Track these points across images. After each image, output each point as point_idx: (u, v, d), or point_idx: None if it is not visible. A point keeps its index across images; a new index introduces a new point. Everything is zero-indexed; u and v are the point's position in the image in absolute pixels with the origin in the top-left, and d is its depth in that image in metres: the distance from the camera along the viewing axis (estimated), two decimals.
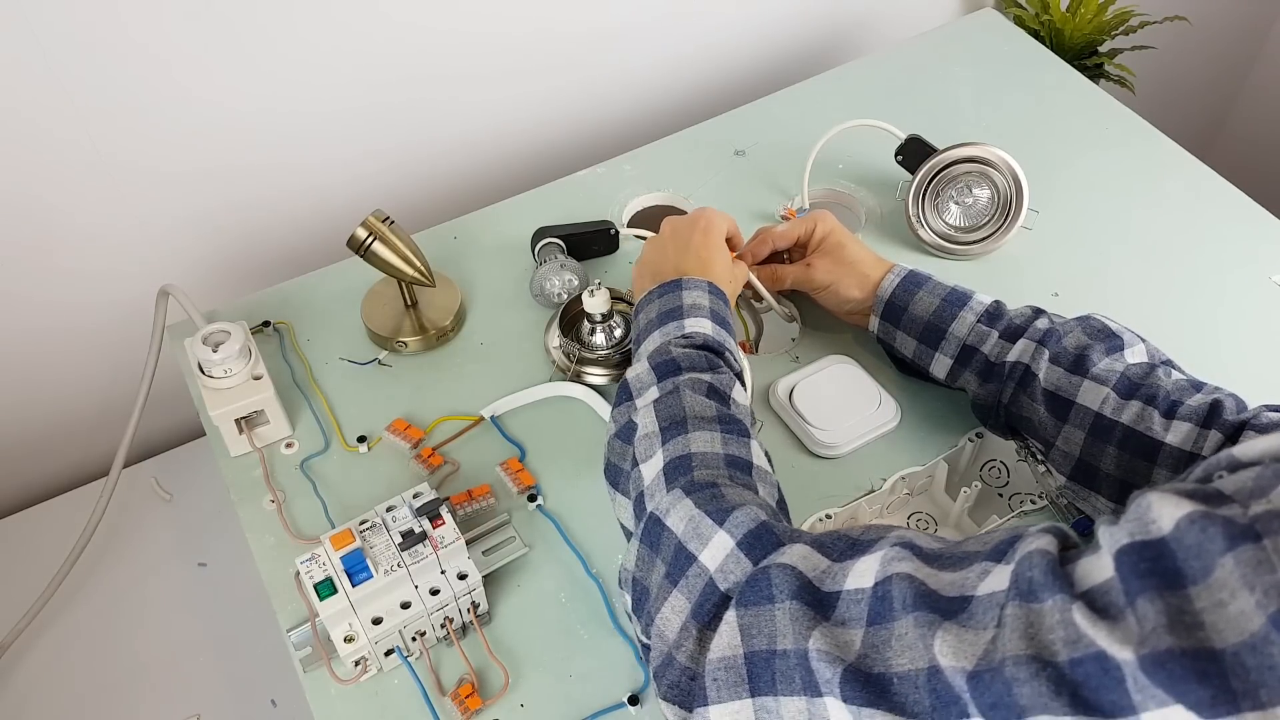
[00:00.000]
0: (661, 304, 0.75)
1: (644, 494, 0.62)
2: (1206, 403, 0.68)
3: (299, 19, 0.97)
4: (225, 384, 0.82)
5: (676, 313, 0.74)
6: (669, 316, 0.74)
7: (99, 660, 0.97)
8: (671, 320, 0.73)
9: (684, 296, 0.75)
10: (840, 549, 0.52)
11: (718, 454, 0.62)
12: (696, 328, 0.72)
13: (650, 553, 0.59)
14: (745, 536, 0.54)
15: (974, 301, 0.79)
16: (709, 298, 0.75)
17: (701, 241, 0.80)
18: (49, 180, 0.95)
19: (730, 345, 0.73)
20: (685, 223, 0.82)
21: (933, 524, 0.82)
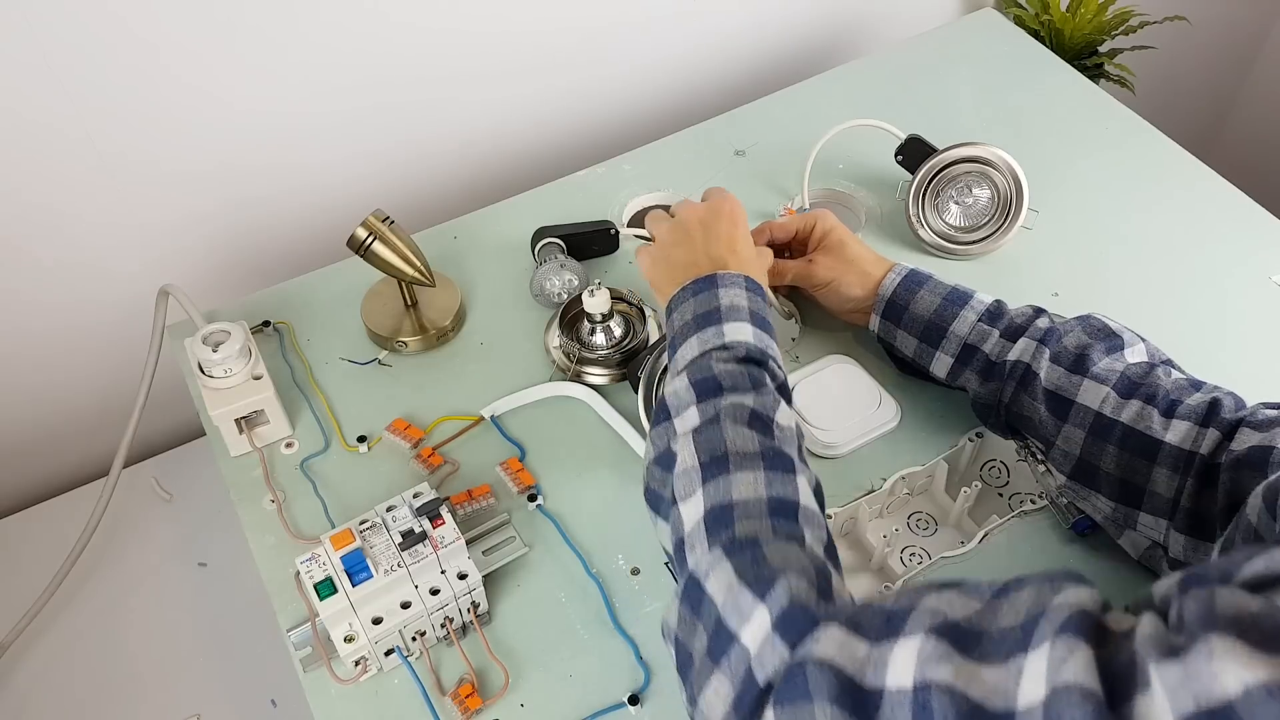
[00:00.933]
0: (697, 304, 0.70)
1: (684, 542, 0.60)
2: (1205, 401, 0.68)
3: (299, 19, 0.97)
4: (225, 384, 0.82)
5: (714, 315, 0.69)
6: (706, 320, 0.69)
7: (99, 660, 0.97)
8: (710, 325, 0.68)
9: (721, 296, 0.70)
10: (876, 626, 0.48)
11: (760, 499, 0.59)
12: (736, 335, 0.67)
13: (692, 615, 0.56)
14: (780, 617, 0.51)
15: (975, 300, 0.79)
16: (747, 296, 0.70)
17: (730, 231, 0.76)
18: (49, 180, 0.95)
19: (773, 351, 0.69)
20: (709, 212, 0.77)
21: (933, 524, 0.82)
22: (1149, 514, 0.70)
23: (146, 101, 0.95)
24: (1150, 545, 0.72)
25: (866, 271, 0.85)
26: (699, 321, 0.69)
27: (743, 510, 0.59)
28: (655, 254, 0.78)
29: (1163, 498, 0.69)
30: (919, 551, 0.80)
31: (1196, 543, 0.67)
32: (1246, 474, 0.63)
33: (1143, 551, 0.73)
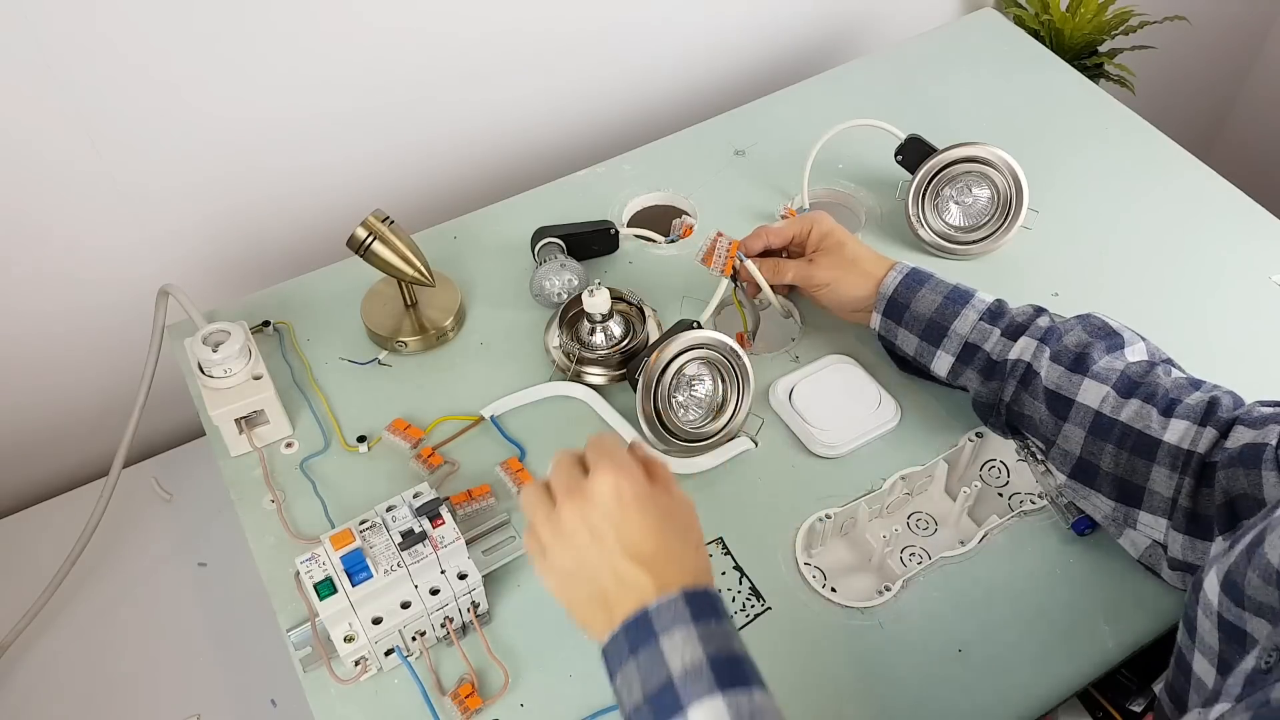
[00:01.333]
0: (642, 672, 0.54)
1: None
2: (1204, 400, 0.68)
3: (299, 20, 0.97)
4: (225, 384, 0.82)
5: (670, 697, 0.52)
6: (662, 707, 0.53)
7: (99, 660, 0.97)
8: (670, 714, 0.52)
9: (667, 653, 0.53)
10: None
11: None
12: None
13: None
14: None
15: (976, 299, 0.80)
16: (697, 634, 0.53)
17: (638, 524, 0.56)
18: (49, 181, 0.95)
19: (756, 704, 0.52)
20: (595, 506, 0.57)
21: (933, 524, 0.82)
22: (1148, 513, 0.70)
23: (147, 102, 0.95)
24: (1150, 544, 0.72)
25: (867, 271, 0.85)
26: (655, 709, 0.53)
27: None
28: (554, 573, 0.60)
29: (1162, 497, 0.69)
30: (919, 551, 0.80)
31: (1194, 542, 0.67)
32: (1240, 472, 0.63)
33: (1142, 551, 0.73)
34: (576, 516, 0.57)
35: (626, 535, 0.56)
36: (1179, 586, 0.72)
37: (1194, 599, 0.56)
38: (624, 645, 0.55)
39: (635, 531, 0.56)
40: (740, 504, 0.81)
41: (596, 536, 0.57)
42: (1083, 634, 0.74)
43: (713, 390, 0.83)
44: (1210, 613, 0.54)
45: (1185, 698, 0.58)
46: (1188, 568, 0.69)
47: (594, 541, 0.57)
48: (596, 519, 0.57)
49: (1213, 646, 0.54)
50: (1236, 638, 0.52)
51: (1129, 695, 0.77)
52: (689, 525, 0.59)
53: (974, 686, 0.71)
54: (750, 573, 0.77)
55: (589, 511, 0.57)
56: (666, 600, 0.55)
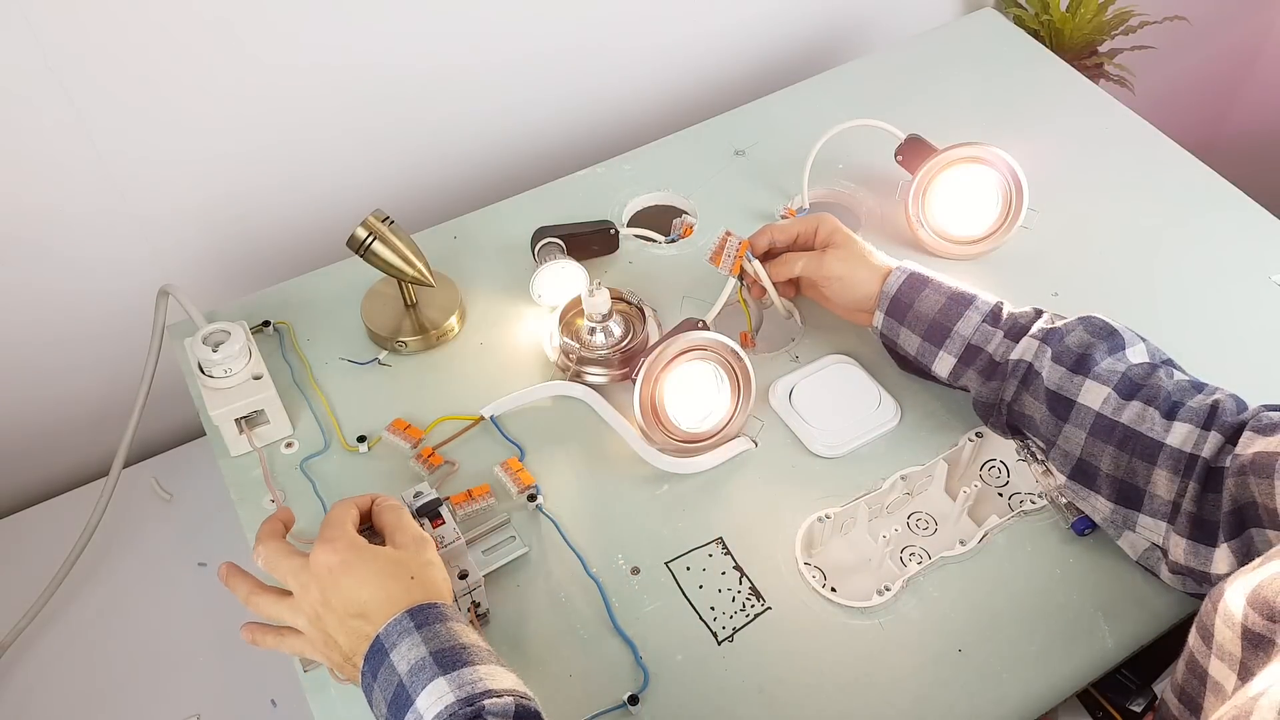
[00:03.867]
0: (383, 690, 0.58)
1: None
2: (1207, 404, 0.68)
3: (299, 19, 0.97)
4: (225, 384, 0.82)
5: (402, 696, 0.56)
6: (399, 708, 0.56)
7: (99, 660, 0.97)
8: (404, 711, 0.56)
9: (397, 663, 0.57)
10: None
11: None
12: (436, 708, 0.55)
13: None
14: None
15: (979, 301, 0.79)
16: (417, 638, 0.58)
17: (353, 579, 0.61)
18: (49, 181, 0.95)
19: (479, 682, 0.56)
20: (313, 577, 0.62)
21: (932, 524, 0.82)
22: (1149, 516, 0.70)
23: (146, 102, 0.95)
24: (1149, 546, 0.72)
25: (874, 268, 0.85)
26: (394, 713, 0.57)
27: None
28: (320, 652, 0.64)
29: (1162, 500, 0.69)
30: (919, 551, 0.80)
31: (1197, 546, 0.67)
32: (1251, 480, 0.63)
33: (1141, 553, 0.73)
34: (305, 603, 0.62)
35: (344, 601, 0.61)
36: (1178, 588, 0.72)
37: (1211, 608, 0.56)
38: (369, 676, 0.59)
39: (349, 593, 0.61)
40: (740, 504, 0.81)
41: (327, 609, 0.61)
42: (1083, 634, 0.74)
43: (713, 391, 0.83)
44: (1232, 624, 0.54)
45: (1200, 701, 0.58)
46: (1189, 572, 0.69)
47: (325, 614, 0.62)
48: (315, 599, 0.62)
49: (1234, 654, 0.54)
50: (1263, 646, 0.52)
51: (1129, 695, 0.77)
52: (400, 563, 0.63)
53: (974, 686, 0.71)
54: (750, 573, 0.77)
55: (311, 595, 0.62)
56: (392, 622, 0.59)
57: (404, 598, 0.61)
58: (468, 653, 0.58)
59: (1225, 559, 0.65)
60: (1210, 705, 0.57)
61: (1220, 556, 0.66)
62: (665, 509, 0.81)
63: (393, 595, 0.61)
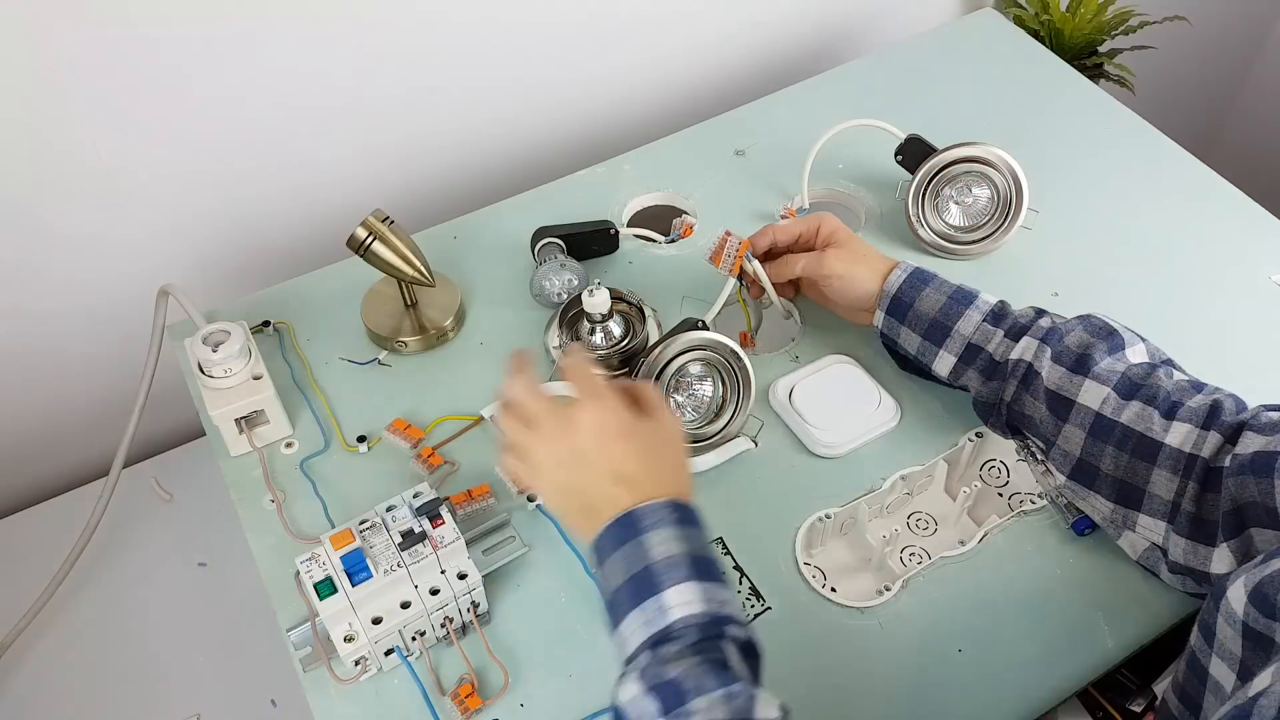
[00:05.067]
0: (626, 560, 0.60)
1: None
2: (1206, 404, 0.68)
3: (299, 19, 0.97)
4: (225, 384, 0.82)
5: (648, 579, 0.58)
6: (642, 587, 0.59)
7: (99, 660, 0.97)
8: (648, 595, 0.58)
9: (650, 546, 0.59)
10: None
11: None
12: (683, 610, 0.57)
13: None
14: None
15: (980, 301, 0.79)
16: (678, 533, 0.60)
17: (626, 447, 0.63)
18: (49, 181, 0.95)
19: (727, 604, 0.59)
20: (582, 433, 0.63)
21: (932, 523, 0.82)
22: (1148, 516, 0.70)
23: (146, 102, 0.95)
24: (1149, 546, 0.72)
25: (875, 266, 0.85)
26: (634, 589, 0.59)
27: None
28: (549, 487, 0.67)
29: (1162, 500, 0.69)
30: (919, 551, 0.80)
31: (1196, 546, 0.67)
32: (1250, 480, 0.63)
33: (1141, 552, 0.73)
34: (563, 445, 0.64)
35: (610, 461, 0.63)
36: (1178, 588, 0.72)
37: (1213, 606, 0.56)
38: (609, 542, 0.61)
39: (618, 458, 0.63)
40: (740, 504, 0.81)
41: (584, 462, 0.63)
42: (1083, 634, 0.74)
43: (712, 391, 0.83)
44: (1234, 621, 0.54)
45: (1199, 700, 0.58)
46: (1188, 571, 0.69)
47: (581, 466, 0.63)
48: (582, 447, 0.63)
49: (1234, 653, 0.54)
50: (1263, 645, 0.52)
51: (1129, 695, 0.77)
52: (673, 449, 0.65)
53: (974, 686, 0.71)
54: (750, 573, 0.77)
55: (574, 441, 0.63)
56: (652, 505, 0.61)
57: (670, 484, 0.62)
58: (718, 569, 0.60)
59: (1224, 559, 0.65)
60: (1210, 705, 0.57)
61: (1219, 556, 0.66)
62: None
63: (660, 479, 0.62)
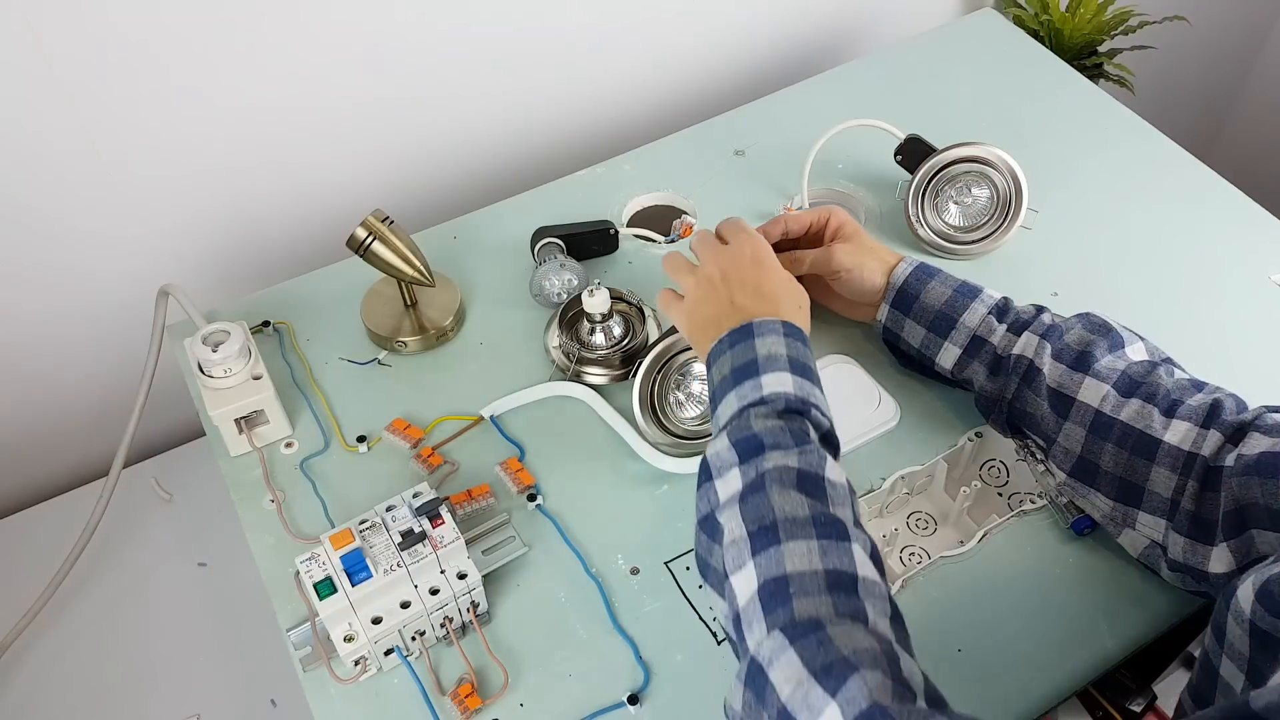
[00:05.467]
0: (734, 356, 0.68)
1: (740, 618, 0.58)
2: (1207, 402, 0.68)
3: (298, 19, 0.97)
4: (225, 384, 0.82)
5: (751, 367, 0.66)
6: (744, 373, 0.67)
7: (99, 660, 0.97)
8: (747, 379, 0.66)
9: (758, 346, 0.67)
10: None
11: (817, 571, 0.56)
12: (776, 386, 0.65)
13: (756, 702, 0.54)
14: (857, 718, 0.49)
15: (985, 295, 0.80)
16: (785, 342, 0.68)
17: (759, 275, 0.73)
18: (49, 181, 0.95)
19: (816, 398, 0.66)
20: (731, 258, 0.74)
21: (932, 523, 0.82)
22: (1148, 513, 0.70)
23: (146, 102, 0.95)
24: (1149, 544, 0.72)
25: (883, 259, 0.85)
26: (737, 375, 0.67)
27: (799, 585, 0.56)
28: (688, 311, 0.76)
29: (1161, 497, 0.69)
30: (918, 551, 0.80)
31: (1195, 545, 0.67)
32: (1255, 481, 0.63)
33: (1141, 550, 0.73)
34: (715, 266, 0.74)
35: (750, 280, 0.73)
36: (1178, 585, 0.73)
37: (1224, 605, 0.56)
38: (726, 344, 0.69)
39: (757, 279, 0.73)
40: None
41: (726, 279, 0.73)
42: (1083, 634, 0.74)
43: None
44: (1242, 621, 0.54)
45: (1212, 700, 0.58)
46: (1187, 570, 0.69)
47: (723, 281, 0.73)
48: (729, 267, 0.74)
49: (1243, 653, 0.54)
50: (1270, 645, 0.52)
51: (1129, 695, 0.77)
52: (798, 294, 0.74)
53: (973, 686, 0.71)
54: None
55: (726, 263, 0.74)
56: (767, 320, 0.69)
57: (788, 309, 0.71)
58: (815, 375, 0.68)
59: (1223, 558, 0.65)
60: None
61: (1218, 555, 0.66)
62: (665, 509, 0.81)
63: (782, 302, 0.72)
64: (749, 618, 0.57)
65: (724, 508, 0.61)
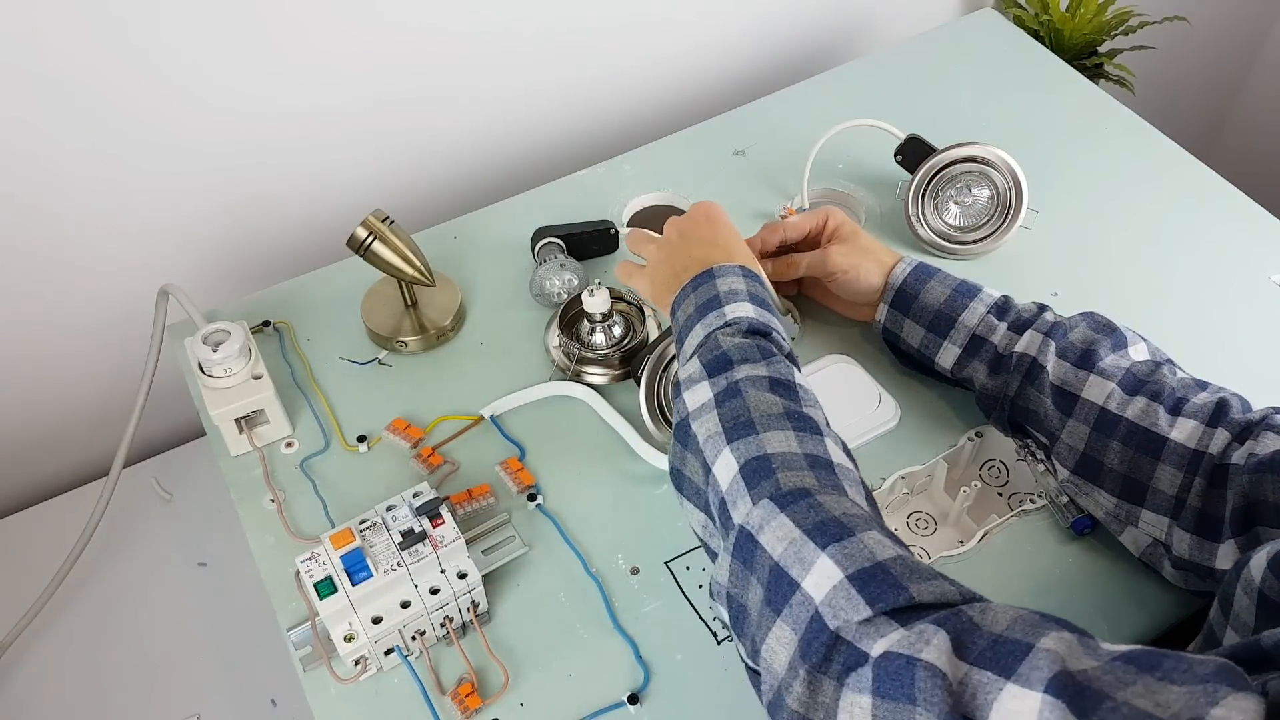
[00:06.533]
0: (697, 296, 0.72)
1: (725, 502, 0.59)
2: (1212, 401, 0.68)
3: (298, 20, 0.98)
4: (225, 384, 0.82)
5: (714, 302, 0.71)
6: (707, 307, 0.71)
7: (99, 660, 0.97)
8: (711, 310, 0.70)
9: (718, 284, 0.72)
10: (980, 648, 0.46)
11: (797, 454, 0.59)
12: (738, 313, 0.69)
13: (744, 570, 0.55)
14: (859, 573, 0.50)
15: (984, 294, 0.80)
16: (744, 281, 0.72)
17: (710, 230, 0.78)
18: (49, 181, 0.95)
19: (775, 324, 0.70)
20: (687, 220, 0.80)
21: (932, 523, 0.82)
22: (1151, 511, 0.70)
23: (147, 102, 0.95)
24: (1151, 543, 0.72)
25: (881, 259, 0.85)
26: (701, 310, 0.71)
27: (781, 462, 0.58)
28: (649, 274, 0.80)
29: (1166, 495, 0.69)
30: (918, 551, 0.80)
31: (1202, 542, 0.67)
32: (1269, 478, 0.63)
33: (1143, 549, 0.73)
34: (673, 229, 0.79)
35: (706, 234, 0.77)
36: (1180, 585, 0.72)
37: (1234, 577, 0.56)
38: (689, 288, 0.73)
39: (712, 233, 0.77)
40: None
41: (684, 236, 0.78)
42: None
43: None
44: (1251, 590, 0.54)
45: None
46: (1193, 567, 0.69)
47: (682, 240, 0.78)
48: (685, 226, 0.79)
49: (1248, 623, 0.54)
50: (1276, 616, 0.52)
51: None
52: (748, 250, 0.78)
53: None
54: None
55: (683, 224, 0.79)
56: (726, 265, 0.73)
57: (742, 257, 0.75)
58: (774, 310, 0.72)
59: (1230, 555, 0.65)
60: None
61: (1224, 552, 0.66)
62: (665, 509, 0.81)
63: (735, 250, 0.76)
64: (734, 498, 0.58)
65: (698, 415, 0.64)
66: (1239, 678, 0.40)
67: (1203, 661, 0.41)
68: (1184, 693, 0.40)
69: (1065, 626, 0.46)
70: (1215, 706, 0.38)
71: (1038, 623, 0.47)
